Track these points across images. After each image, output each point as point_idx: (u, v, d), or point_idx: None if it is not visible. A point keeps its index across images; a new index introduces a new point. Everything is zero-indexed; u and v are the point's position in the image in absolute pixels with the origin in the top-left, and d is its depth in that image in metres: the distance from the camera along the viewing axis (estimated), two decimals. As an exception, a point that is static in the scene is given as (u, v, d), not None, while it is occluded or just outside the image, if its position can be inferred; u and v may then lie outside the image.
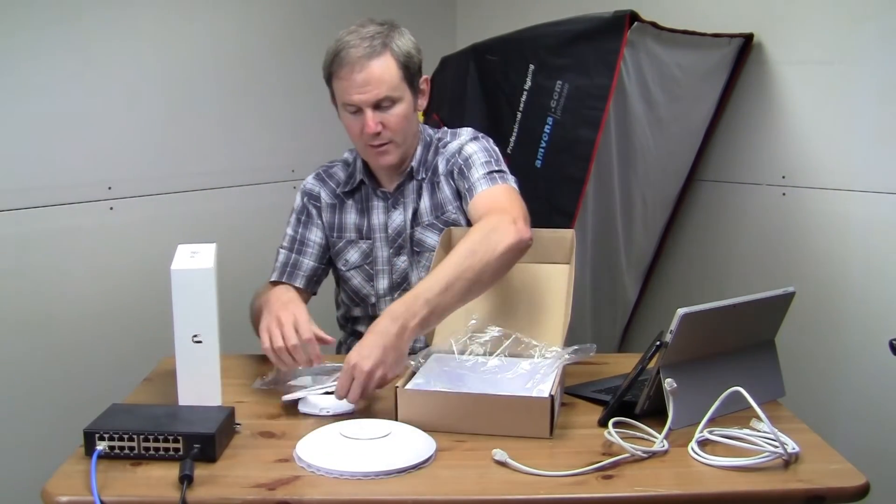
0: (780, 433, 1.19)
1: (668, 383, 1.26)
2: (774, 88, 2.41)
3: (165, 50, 2.35)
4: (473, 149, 1.71)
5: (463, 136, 1.75)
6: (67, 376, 2.16)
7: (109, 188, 2.25)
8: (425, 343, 1.61)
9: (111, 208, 2.26)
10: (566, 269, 1.63)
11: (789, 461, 1.17)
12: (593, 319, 2.55)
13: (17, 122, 2.04)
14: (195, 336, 1.32)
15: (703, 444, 1.23)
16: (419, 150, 1.73)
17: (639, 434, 1.26)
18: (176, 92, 2.39)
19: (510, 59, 2.30)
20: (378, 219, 1.75)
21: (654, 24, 2.18)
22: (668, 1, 2.48)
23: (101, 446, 1.17)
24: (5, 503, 2.04)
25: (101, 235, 2.24)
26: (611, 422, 1.25)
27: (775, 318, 1.44)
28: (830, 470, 1.17)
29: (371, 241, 1.75)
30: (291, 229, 1.77)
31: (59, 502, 1.09)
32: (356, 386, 1.33)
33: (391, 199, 1.74)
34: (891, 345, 1.42)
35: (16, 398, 2.06)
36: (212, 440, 1.18)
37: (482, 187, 1.64)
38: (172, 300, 1.30)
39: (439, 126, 1.88)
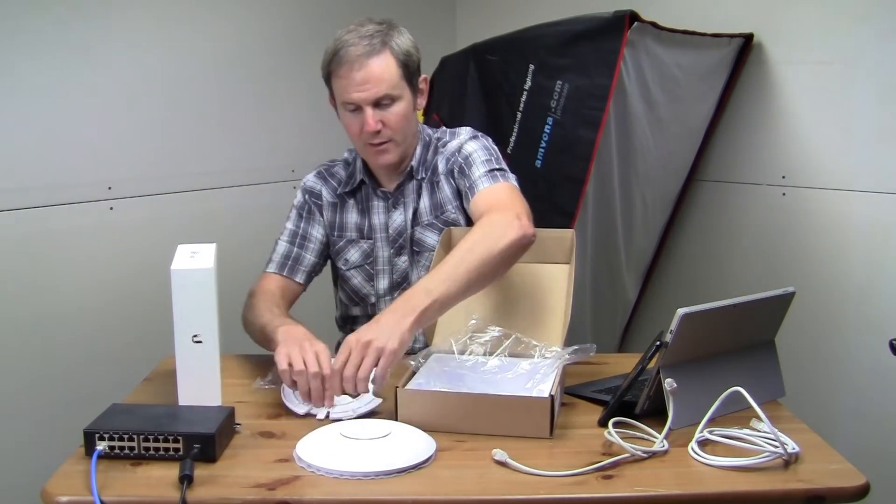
0: (780, 433, 1.19)
1: (668, 383, 1.26)
2: (774, 88, 2.41)
3: (165, 50, 2.35)
4: (473, 147, 1.71)
5: (462, 135, 1.75)
6: (67, 376, 2.16)
7: (109, 188, 2.25)
8: (425, 343, 1.61)
9: (111, 208, 2.26)
10: (566, 269, 1.63)
11: (789, 461, 1.17)
12: (593, 319, 2.55)
13: (17, 122, 2.04)
14: (195, 336, 1.31)
15: (704, 444, 1.23)
16: (418, 149, 1.73)
17: (639, 434, 1.26)
18: (176, 92, 2.39)
19: (510, 59, 2.30)
20: (379, 219, 1.75)
21: (654, 24, 2.18)
22: (668, 1, 2.48)
23: (101, 446, 1.17)
24: (5, 503, 2.04)
25: (101, 235, 2.24)
26: (611, 422, 1.25)
27: (775, 318, 1.44)
28: (830, 470, 1.17)
29: (372, 241, 1.75)
30: (292, 223, 1.77)
31: (59, 502, 1.09)
32: (355, 354, 1.31)
33: (391, 199, 1.74)
34: (891, 345, 1.42)
35: (16, 398, 2.06)
36: (212, 440, 1.18)
37: (483, 185, 1.64)
38: (172, 300, 1.30)
39: (439, 126, 1.88)
